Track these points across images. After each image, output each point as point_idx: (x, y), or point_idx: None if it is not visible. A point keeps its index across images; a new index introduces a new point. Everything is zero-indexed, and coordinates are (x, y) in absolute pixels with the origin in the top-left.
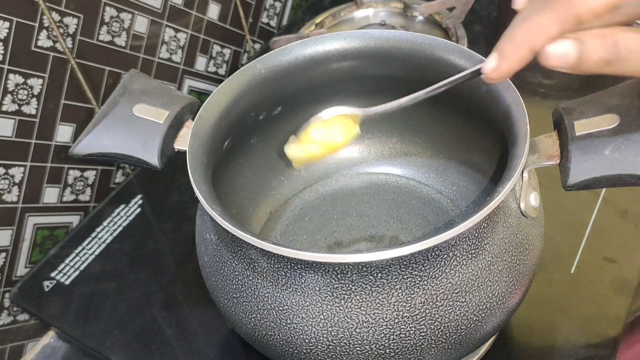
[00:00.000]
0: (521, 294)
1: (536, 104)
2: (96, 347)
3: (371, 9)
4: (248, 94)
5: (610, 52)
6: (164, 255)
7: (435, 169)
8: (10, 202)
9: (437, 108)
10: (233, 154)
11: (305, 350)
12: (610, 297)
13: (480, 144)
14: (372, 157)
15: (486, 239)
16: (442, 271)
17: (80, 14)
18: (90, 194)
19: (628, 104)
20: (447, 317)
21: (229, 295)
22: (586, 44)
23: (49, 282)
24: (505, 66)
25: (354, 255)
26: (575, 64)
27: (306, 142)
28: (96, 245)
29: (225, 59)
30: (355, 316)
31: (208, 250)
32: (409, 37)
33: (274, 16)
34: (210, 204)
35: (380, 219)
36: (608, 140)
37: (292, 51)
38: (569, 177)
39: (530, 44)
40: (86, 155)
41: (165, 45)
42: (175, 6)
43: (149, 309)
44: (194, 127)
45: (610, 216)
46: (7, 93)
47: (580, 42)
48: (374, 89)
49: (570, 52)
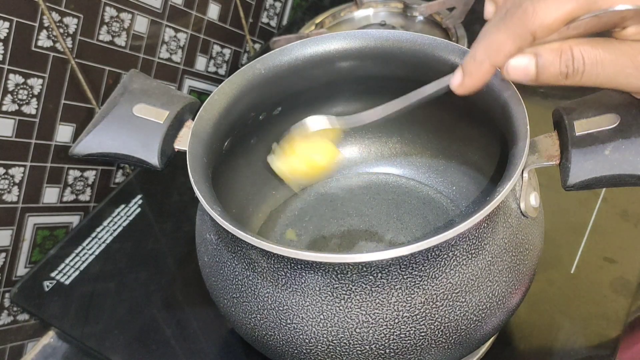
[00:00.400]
0: (521, 294)
1: (536, 104)
2: (96, 347)
3: (371, 9)
4: (248, 94)
5: (567, 66)
6: (164, 255)
7: (435, 169)
8: (10, 202)
9: (437, 108)
10: (233, 154)
11: (305, 350)
12: (610, 297)
13: (480, 144)
14: (372, 157)
15: (486, 239)
16: (442, 271)
17: (80, 14)
18: (90, 194)
19: (628, 104)
20: (447, 317)
21: (229, 295)
22: (543, 58)
23: (49, 282)
24: (469, 82)
25: (354, 255)
26: (534, 77)
27: (288, 154)
28: (96, 245)
29: (225, 59)
30: (355, 316)
31: (208, 250)
32: (409, 37)
33: (274, 16)
34: (210, 204)
35: (380, 219)
36: (608, 140)
37: (292, 51)
38: (569, 177)
39: (490, 60)
40: (86, 155)
41: (165, 45)
42: (175, 6)
43: (149, 309)
44: (194, 127)
45: (610, 216)
46: (7, 93)
47: (538, 57)
48: (374, 89)
49: (529, 67)
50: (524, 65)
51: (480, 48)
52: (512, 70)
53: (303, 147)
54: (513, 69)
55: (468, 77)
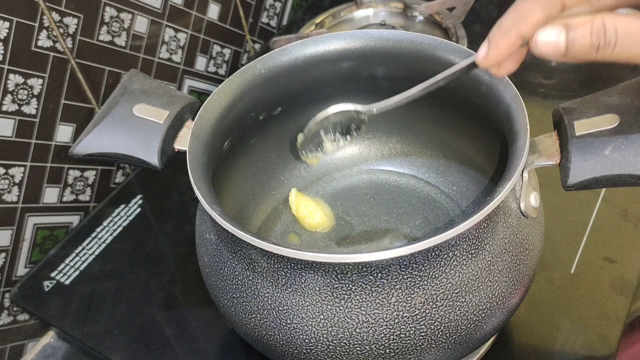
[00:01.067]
0: (521, 294)
1: (536, 104)
2: (96, 347)
3: (371, 9)
4: (248, 94)
5: (598, 37)
6: (164, 255)
7: (435, 168)
8: (10, 202)
9: (437, 108)
10: (233, 154)
11: (305, 350)
12: (610, 297)
13: (480, 144)
14: (372, 157)
15: (486, 239)
16: (442, 271)
17: (80, 14)
18: (90, 194)
19: (628, 104)
20: (447, 317)
21: (229, 295)
22: (574, 30)
23: (49, 282)
24: (494, 53)
25: (354, 255)
26: (565, 50)
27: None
28: (96, 245)
29: (225, 59)
30: (355, 316)
31: (208, 250)
32: (409, 37)
33: (274, 16)
34: (210, 204)
35: (380, 219)
36: (608, 140)
37: (292, 51)
38: (569, 177)
39: (517, 30)
40: (86, 155)
41: (165, 45)
42: (175, 6)
43: (149, 309)
44: (194, 127)
45: (610, 216)
46: (7, 93)
47: (569, 28)
48: (374, 89)
49: (560, 39)
50: (554, 39)
51: (508, 17)
52: (542, 45)
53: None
54: (542, 44)
55: (493, 48)
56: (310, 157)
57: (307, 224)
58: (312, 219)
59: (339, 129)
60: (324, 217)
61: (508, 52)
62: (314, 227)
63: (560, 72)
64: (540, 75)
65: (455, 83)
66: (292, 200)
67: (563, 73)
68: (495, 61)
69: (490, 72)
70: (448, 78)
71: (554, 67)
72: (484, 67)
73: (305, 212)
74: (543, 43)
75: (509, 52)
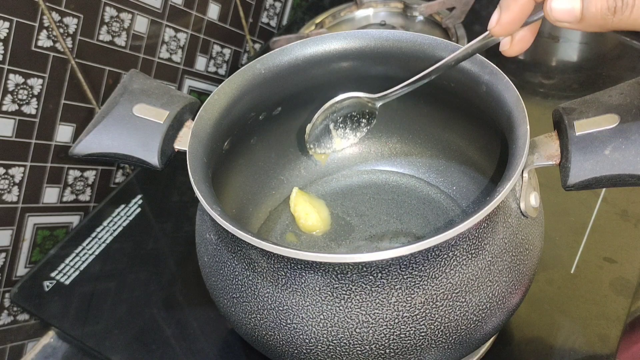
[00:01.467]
0: (521, 294)
1: (536, 104)
2: (96, 347)
3: (371, 9)
4: (248, 94)
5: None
6: (164, 255)
7: (435, 168)
8: (10, 202)
9: (437, 108)
10: (233, 154)
11: (305, 350)
12: (610, 297)
13: (480, 144)
14: (372, 157)
15: (486, 239)
16: (442, 271)
17: (80, 14)
18: (90, 194)
19: (628, 104)
20: (447, 317)
21: (229, 295)
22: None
23: (49, 282)
24: (506, 17)
25: (354, 255)
26: (579, 17)
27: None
28: (96, 245)
29: (225, 59)
30: (355, 316)
31: (208, 250)
32: (409, 37)
33: (274, 16)
34: (210, 204)
35: (380, 219)
36: (608, 140)
37: (292, 51)
38: (569, 177)
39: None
40: (86, 155)
41: (165, 45)
42: (175, 6)
43: (149, 309)
44: (194, 127)
45: (610, 216)
46: (7, 93)
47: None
48: (374, 89)
49: (574, 6)
50: (569, 5)
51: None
52: (556, 12)
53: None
54: (557, 11)
55: (505, 12)
56: (319, 152)
57: (301, 225)
58: (306, 220)
59: (348, 123)
60: (318, 220)
61: (520, 17)
62: (308, 230)
63: (560, 72)
64: (540, 75)
65: (456, 83)
66: (292, 199)
67: (563, 73)
68: (508, 26)
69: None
70: (461, 57)
71: (554, 67)
72: (497, 36)
73: (301, 213)
74: (558, 11)
75: (521, 16)
